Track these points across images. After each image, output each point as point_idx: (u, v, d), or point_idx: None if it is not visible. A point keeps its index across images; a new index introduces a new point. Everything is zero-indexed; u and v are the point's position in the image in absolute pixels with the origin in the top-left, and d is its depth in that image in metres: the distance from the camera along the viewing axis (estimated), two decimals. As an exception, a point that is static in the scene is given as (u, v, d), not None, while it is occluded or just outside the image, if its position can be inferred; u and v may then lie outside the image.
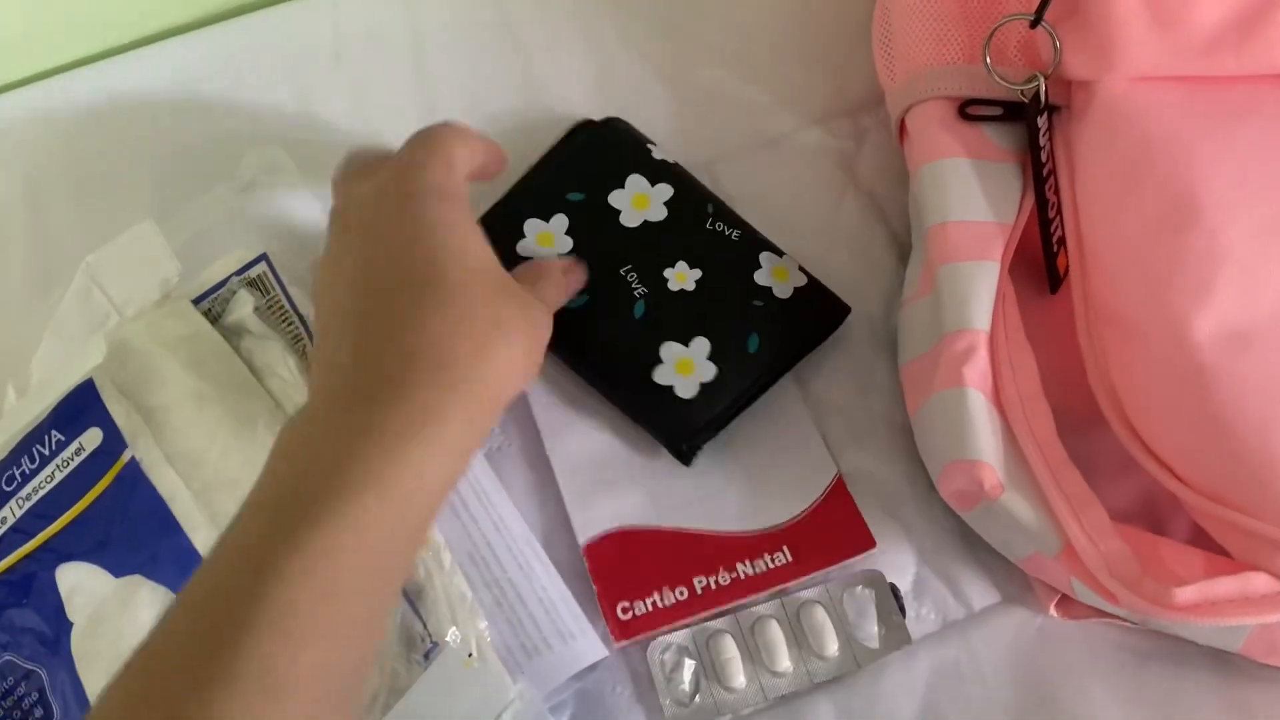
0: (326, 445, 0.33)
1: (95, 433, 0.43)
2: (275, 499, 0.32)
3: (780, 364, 0.46)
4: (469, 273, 0.37)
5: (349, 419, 0.33)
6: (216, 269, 0.45)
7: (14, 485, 0.43)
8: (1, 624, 0.42)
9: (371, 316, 0.36)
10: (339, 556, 0.31)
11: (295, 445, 0.34)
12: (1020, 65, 0.44)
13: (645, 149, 0.50)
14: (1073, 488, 0.39)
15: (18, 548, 0.43)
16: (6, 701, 0.41)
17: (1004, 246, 0.43)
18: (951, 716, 0.42)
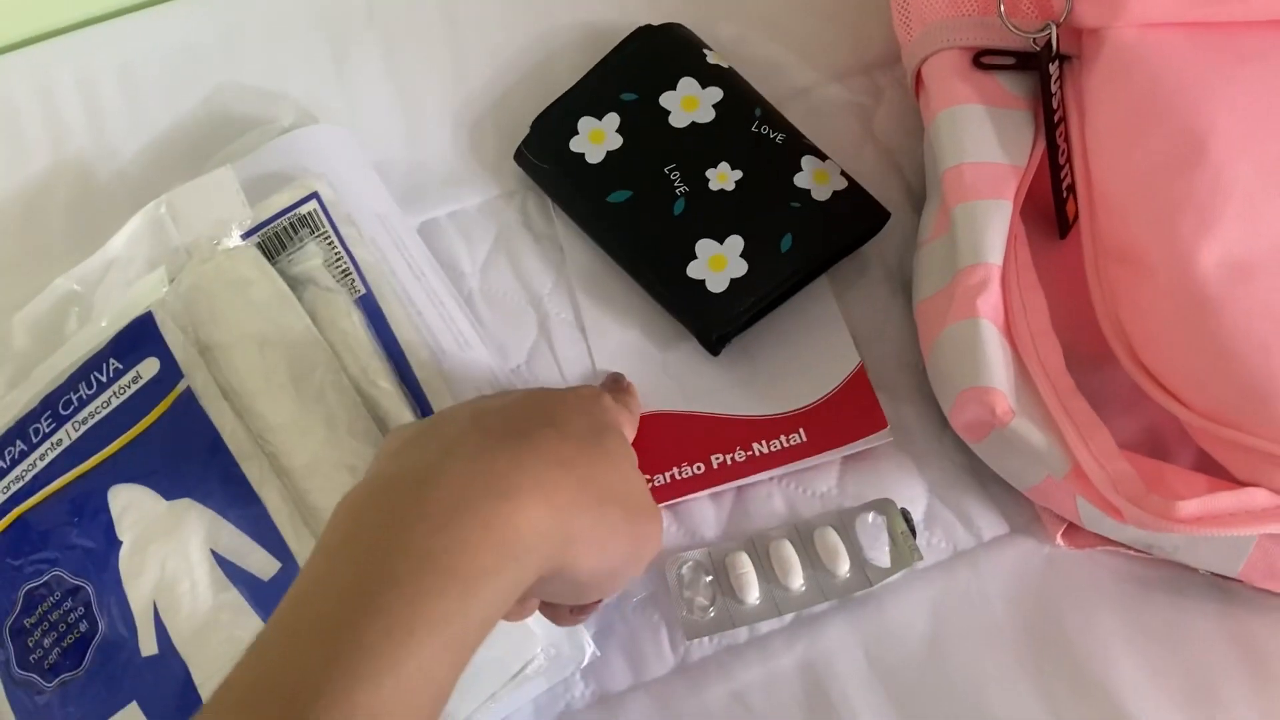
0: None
1: (152, 362, 0.44)
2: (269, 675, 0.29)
3: (812, 264, 0.48)
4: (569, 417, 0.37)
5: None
6: (267, 204, 0.46)
7: (70, 409, 0.45)
8: (53, 541, 0.44)
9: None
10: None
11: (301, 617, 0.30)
12: (1033, 16, 0.46)
13: (701, 53, 0.52)
14: (1080, 415, 0.41)
15: (72, 468, 0.44)
16: (53, 615, 0.43)
17: (1016, 187, 0.44)
18: (960, 637, 0.43)
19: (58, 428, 0.45)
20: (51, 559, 0.44)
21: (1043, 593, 0.44)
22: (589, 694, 0.43)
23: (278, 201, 0.47)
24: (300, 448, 0.43)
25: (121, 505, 0.43)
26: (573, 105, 0.51)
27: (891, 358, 0.49)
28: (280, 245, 0.47)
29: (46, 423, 0.45)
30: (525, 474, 0.32)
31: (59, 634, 0.43)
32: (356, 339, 0.45)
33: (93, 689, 0.42)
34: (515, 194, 0.53)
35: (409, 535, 0.30)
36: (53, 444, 0.45)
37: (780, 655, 0.43)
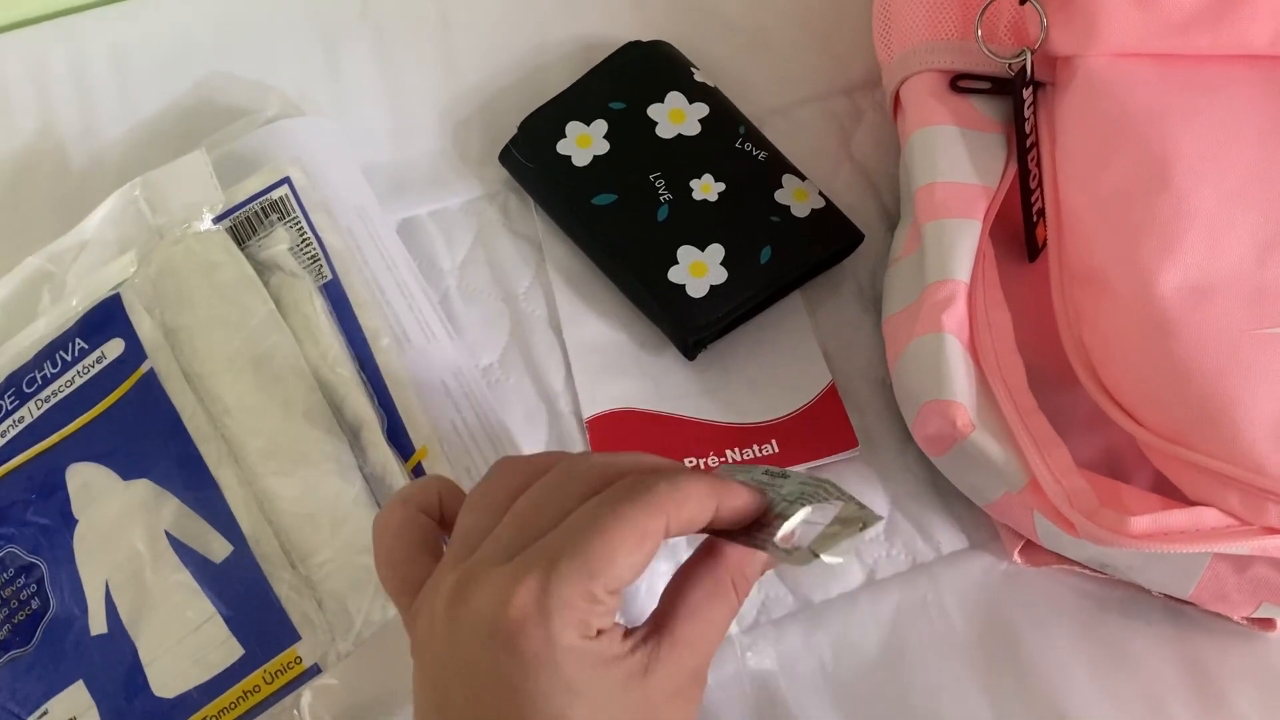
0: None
1: (117, 343, 0.45)
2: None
3: (789, 277, 0.49)
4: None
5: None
6: (239, 189, 0.47)
7: (34, 387, 0.45)
8: (9, 518, 0.44)
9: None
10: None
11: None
12: (1009, 42, 0.47)
13: (688, 70, 0.54)
14: (1039, 431, 0.41)
15: (32, 445, 0.44)
16: (5, 591, 0.43)
17: (986, 208, 0.45)
18: (916, 647, 0.44)
19: (20, 405, 0.45)
20: (7, 535, 0.44)
21: (999, 607, 0.44)
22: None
23: (250, 185, 0.47)
24: (256, 430, 0.43)
25: (79, 483, 0.43)
26: (561, 109, 0.52)
27: (859, 373, 0.49)
28: (251, 229, 0.47)
29: (9, 400, 0.45)
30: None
31: (10, 610, 0.43)
32: (318, 325, 0.45)
33: (40, 666, 0.42)
34: (497, 195, 0.54)
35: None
36: (14, 421, 0.45)
37: (735, 661, 0.43)
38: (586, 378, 0.49)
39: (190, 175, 0.47)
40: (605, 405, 0.48)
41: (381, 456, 0.43)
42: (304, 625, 0.40)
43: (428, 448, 0.44)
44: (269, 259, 0.46)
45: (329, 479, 0.42)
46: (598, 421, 0.48)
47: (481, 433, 0.46)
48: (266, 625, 0.40)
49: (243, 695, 0.40)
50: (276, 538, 0.42)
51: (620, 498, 0.29)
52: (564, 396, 0.49)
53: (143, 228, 0.47)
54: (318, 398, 0.43)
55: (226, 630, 0.40)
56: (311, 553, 0.41)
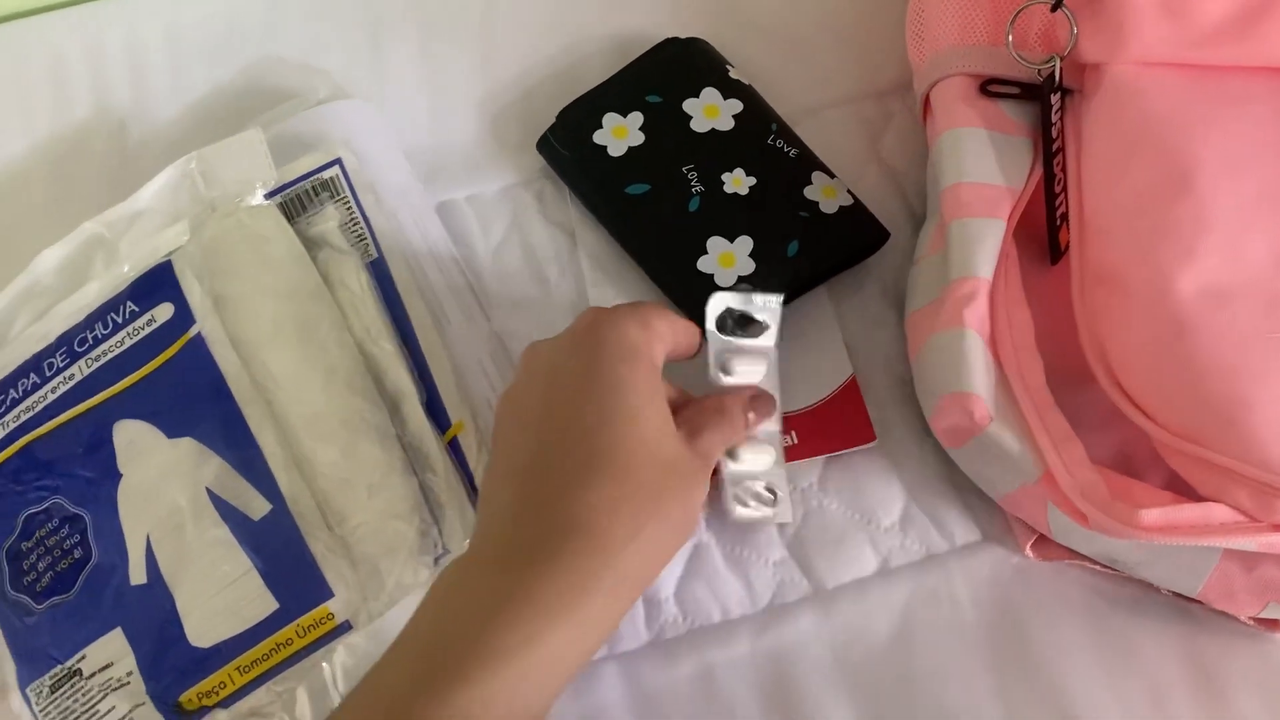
0: (478, 604, 0.35)
1: (167, 307, 0.46)
2: (421, 649, 0.35)
3: (815, 272, 0.50)
4: (639, 449, 0.37)
5: (503, 580, 0.35)
6: (292, 167, 0.48)
7: (85, 347, 0.47)
8: (56, 469, 0.45)
9: (539, 475, 0.37)
10: (479, 716, 0.33)
11: (450, 595, 0.36)
12: (1039, 49, 0.48)
13: (724, 68, 0.55)
14: (1055, 426, 0.42)
15: (81, 401, 0.46)
16: (50, 540, 0.45)
17: (1011, 209, 0.46)
18: (927, 636, 0.45)
19: (71, 363, 0.47)
20: (53, 487, 0.45)
21: (1009, 600, 0.45)
22: (561, 660, 0.45)
23: (302, 165, 0.49)
24: (299, 398, 0.45)
25: (125, 439, 0.45)
26: (599, 100, 0.54)
27: (880, 368, 0.50)
28: (301, 207, 0.49)
29: (61, 358, 0.47)
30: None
31: (54, 559, 0.44)
32: (363, 300, 0.47)
33: (80, 612, 0.43)
34: (533, 183, 0.55)
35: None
36: (65, 378, 0.47)
37: (750, 641, 0.45)
38: (614, 362, 0.50)
39: (245, 152, 0.49)
40: (631, 389, 0.49)
41: (419, 428, 0.44)
42: (337, 583, 0.42)
43: (463, 422, 0.45)
44: (318, 235, 0.48)
45: (368, 446, 0.43)
46: (623, 405, 0.49)
47: None
48: (301, 581, 0.42)
49: (275, 648, 0.41)
50: (314, 499, 0.43)
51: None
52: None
53: (196, 200, 0.49)
54: (360, 369, 0.45)
55: (262, 584, 0.42)
56: (347, 515, 0.42)
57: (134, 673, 0.42)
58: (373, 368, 0.46)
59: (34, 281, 0.49)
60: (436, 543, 0.43)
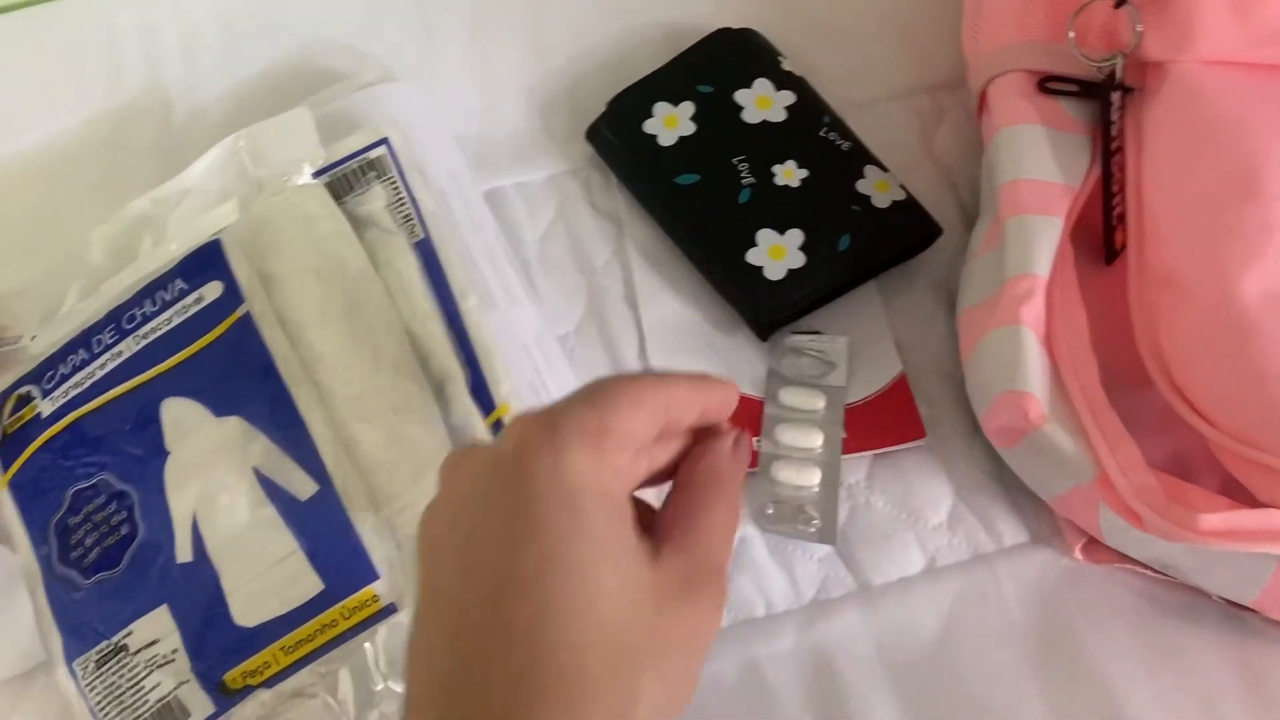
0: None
1: (216, 285, 0.46)
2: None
3: (866, 266, 0.50)
4: (596, 645, 0.28)
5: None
6: (339, 146, 0.48)
7: (134, 324, 0.47)
8: (105, 446, 0.45)
9: (468, 680, 0.28)
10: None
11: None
12: (1099, 46, 0.48)
13: (776, 59, 0.54)
14: (1110, 427, 0.42)
15: (130, 378, 0.46)
16: (97, 515, 0.45)
17: (1069, 207, 0.46)
18: (973, 635, 0.44)
19: (120, 340, 0.47)
20: (101, 463, 0.45)
21: (1058, 602, 0.45)
22: (604, 650, 0.44)
23: (349, 144, 0.49)
24: (346, 379, 0.44)
25: (172, 417, 0.45)
26: (650, 90, 0.53)
27: (930, 366, 0.50)
28: (348, 186, 0.48)
29: (109, 334, 0.47)
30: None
31: (101, 534, 0.44)
32: (410, 281, 0.46)
33: (127, 589, 0.43)
34: (580, 172, 0.55)
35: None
36: (113, 354, 0.46)
37: (794, 635, 0.44)
38: (660, 353, 0.50)
39: (293, 130, 0.49)
40: (676, 381, 0.49)
41: (464, 410, 0.44)
42: (382, 565, 0.41)
43: (508, 405, 0.45)
44: (365, 215, 0.47)
45: (413, 428, 0.43)
46: (668, 396, 0.49)
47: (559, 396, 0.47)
48: (347, 563, 0.41)
49: (320, 628, 0.41)
50: (361, 481, 0.43)
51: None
52: (636, 370, 0.50)
53: (244, 178, 0.49)
54: (406, 350, 0.45)
55: (308, 565, 0.41)
56: (393, 497, 0.42)
57: (179, 650, 0.42)
58: (419, 349, 0.45)
59: (84, 259, 0.49)
60: None
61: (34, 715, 0.44)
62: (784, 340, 0.49)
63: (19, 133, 0.56)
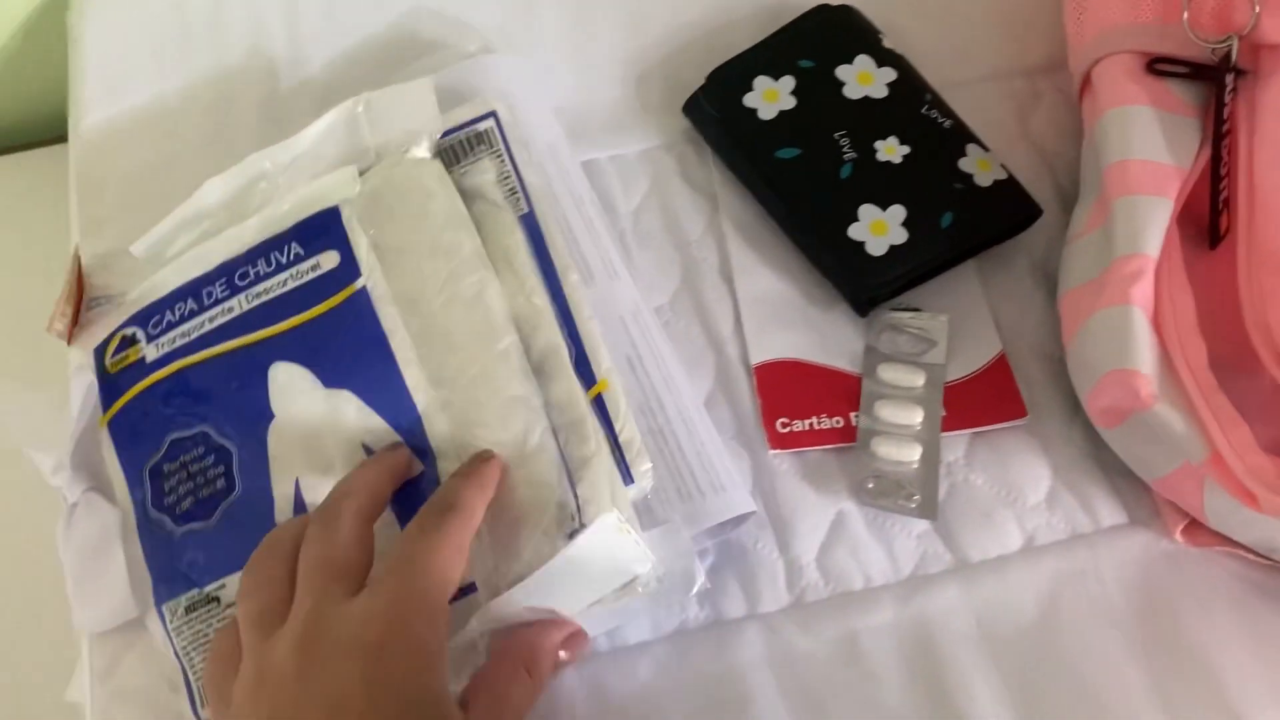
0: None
1: (332, 255, 0.46)
2: None
3: (968, 244, 0.50)
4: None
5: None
6: (447, 117, 0.48)
7: (246, 282, 0.47)
8: (207, 399, 0.46)
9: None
10: None
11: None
12: (1212, 28, 0.47)
13: (877, 36, 0.55)
14: (1221, 409, 0.42)
15: (239, 336, 0.46)
16: (194, 466, 0.45)
17: (1179, 189, 0.46)
18: (1073, 615, 0.44)
19: (231, 296, 0.47)
20: (202, 415, 0.46)
21: (1159, 584, 0.45)
22: (703, 616, 0.45)
23: (458, 115, 0.49)
24: (453, 361, 0.44)
25: (281, 382, 0.45)
26: (750, 63, 0.53)
27: (1028, 347, 0.50)
28: (455, 158, 0.49)
29: (220, 289, 0.47)
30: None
31: (195, 485, 0.45)
32: (517, 256, 0.46)
33: (219, 543, 0.44)
34: (675, 145, 0.55)
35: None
36: (224, 310, 0.47)
37: (894, 608, 0.44)
38: (755, 326, 0.50)
39: (414, 101, 0.49)
40: (772, 354, 0.49)
41: (568, 385, 0.44)
42: (471, 547, 0.41)
43: (608, 380, 0.45)
44: (473, 187, 0.48)
45: (517, 416, 0.43)
46: (764, 369, 0.49)
47: (656, 370, 0.47)
48: None
49: None
50: (463, 462, 0.43)
51: (435, 521, 0.38)
52: (732, 342, 0.50)
53: (358, 145, 0.49)
54: (513, 337, 0.44)
55: (403, 540, 0.42)
56: None
57: None
58: (524, 326, 0.45)
59: (198, 208, 0.49)
60: (573, 515, 0.43)
61: (139, 664, 0.45)
62: (882, 316, 0.49)
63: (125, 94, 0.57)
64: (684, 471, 0.45)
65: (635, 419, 0.45)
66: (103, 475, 0.47)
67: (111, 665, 0.45)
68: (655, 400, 0.47)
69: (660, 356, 0.48)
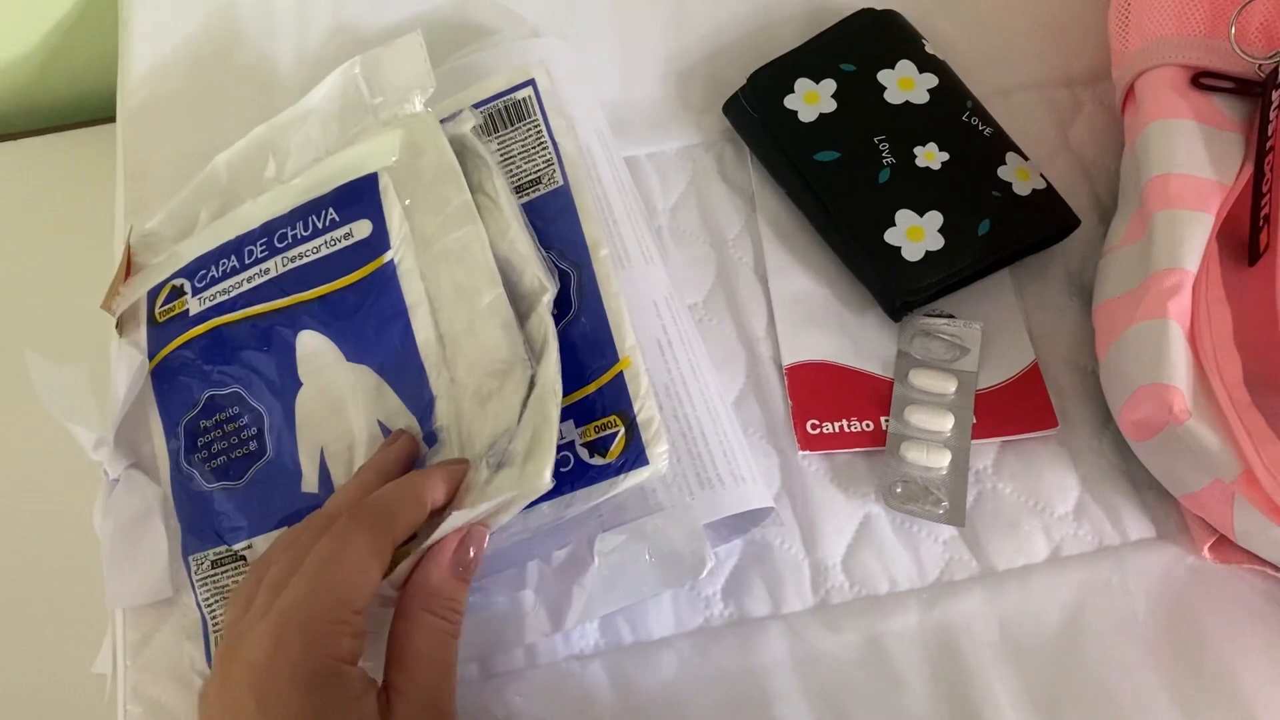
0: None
1: (365, 224, 0.46)
2: None
3: (1005, 253, 0.49)
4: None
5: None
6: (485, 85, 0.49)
7: (284, 244, 0.47)
8: (241, 360, 0.46)
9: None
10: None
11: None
12: (1260, 43, 0.47)
13: (919, 42, 0.54)
14: (1255, 426, 0.41)
15: (271, 300, 0.47)
16: (228, 425, 0.46)
17: (1220, 205, 0.45)
18: (1097, 626, 0.44)
19: (269, 257, 0.47)
20: (237, 376, 0.47)
21: (1185, 599, 0.45)
22: (727, 614, 0.45)
23: (494, 84, 0.49)
24: (448, 320, 0.45)
25: (307, 350, 0.46)
26: (792, 65, 0.54)
27: (1061, 357, 0.50)
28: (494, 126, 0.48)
29: (261, 248, 0.48)
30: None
31: (229, 444, 0.46)
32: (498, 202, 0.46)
33: (248, 504, 0.45)
34: (714, 144, 0.55)
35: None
36: (261, 270, 0.47)
37: (918, 612, 0.45)
38: (788, 327, 0.51)
39: (405, 57, 0.49)
40: (804, 355, 0.50)
41: (542, 325, 0.43)
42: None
43: (630, 359, 0.44)
44: (454, 138, 0.47)
45: (511, 394, 0.43)
46: (796, 370, 0.49)
47: (685, 357, 0.47)
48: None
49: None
50: (461, 447, 0.43)
51: (344, 528, 0.36)
52: (764, 342, 0.51)
53: (359, 104, 0.49)
54: (499, 291, 0.44)
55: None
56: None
57: None
58: (509, 271, 0.45)
59: (212, 180, 0.50)
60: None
61: (171, 638, 0.45)
62: (915, 322, 0.49)
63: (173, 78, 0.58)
64: (705, 459, 0.44)
65: (660, 402, 0.44)
66: (144, 452, 0.48)
67: (144, 639, 0.45)
68: (681, 386, 0.46)
69: (690, 345, 0.48)
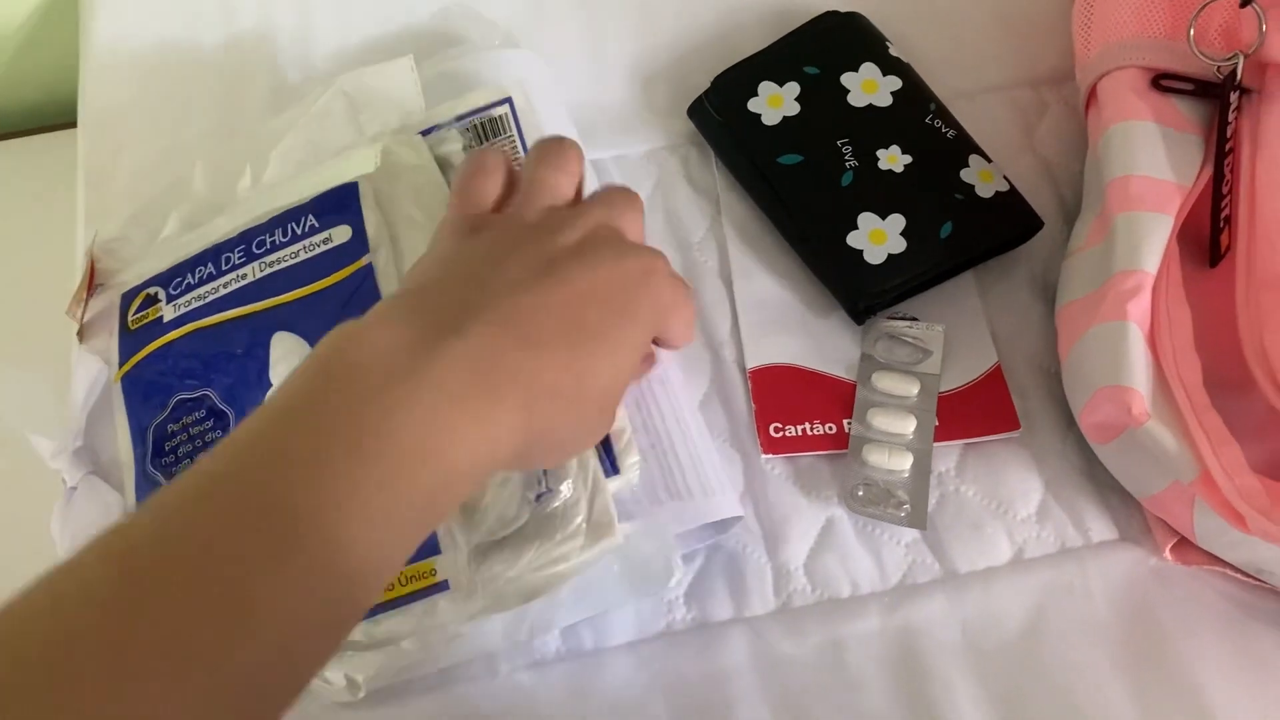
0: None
1: (345, 230, 0.47)
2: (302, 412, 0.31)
3: (967, 255, 0.49)
4: None
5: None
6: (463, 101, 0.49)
7: (263, 249, 0.47)
8: (213, 364, 0.46)
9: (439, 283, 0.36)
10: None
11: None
12: (1219, 45, 0.47)
13: (883, 44, 0.54)
14: (1213, 428, 0.42)
15: (248, 304, 0.47)
16: (195, 429, 0.46)
17: (1179, 206, 0.45)
18: (1059, 628, 0.44)
19: (247, 263, 0.48)
20: (207, 379, 0.46)
21: (1146, 601, 0.44)
22: (690, 618, 0.45)
23: (473, 99, 0.49)
24: None
25: (280, 352, 0.46)
26: (755, 69, 0.53)
27: (1024, 359, 0.50)
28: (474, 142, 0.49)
29: (239, 255, 0.48)
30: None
31: (195, 447, 0.46)
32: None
33: None
34: (679, 148, 0.55)
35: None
36: (238, 275, 0.47)
37: (880, 615, 0.45)
38: (752, 330, 0.50)
39: (394, 79, 0.49)
40: (768, 359, 0.50)
41: None
42: (444, 541, 0.42)
43: None
44: (442, 157, 0.47)
45: None
46: (760, 373, 0.49)
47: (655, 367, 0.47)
48: None
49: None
50: None
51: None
52: (728, 345, 0.50)
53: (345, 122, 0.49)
54: None
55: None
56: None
57: None
58: None
59: (186, 188, 0.50)
60: (540, 479, 0.42)
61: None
62: (879, 325, 0.49)
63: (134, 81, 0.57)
64: (675, 470, 0.45)
65: (630, 413, 0.45)
66: (107, 459, 0.48)
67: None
68: (651, 398, 0.47)
69: (659, 356, 0.48)
